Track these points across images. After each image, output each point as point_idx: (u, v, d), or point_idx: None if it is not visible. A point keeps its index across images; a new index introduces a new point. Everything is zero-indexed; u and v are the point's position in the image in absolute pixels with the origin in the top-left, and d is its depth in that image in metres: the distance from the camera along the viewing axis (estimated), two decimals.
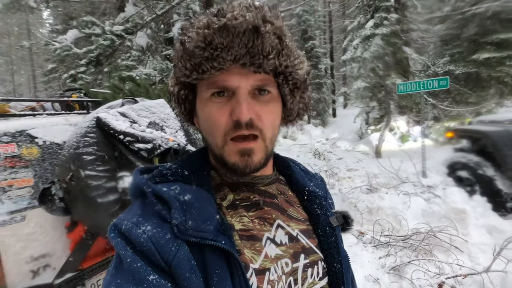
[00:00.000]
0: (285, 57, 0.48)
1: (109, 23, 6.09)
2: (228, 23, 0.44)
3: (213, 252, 0.44)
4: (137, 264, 0.41)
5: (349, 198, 4.36)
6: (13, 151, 1.68)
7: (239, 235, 0.49)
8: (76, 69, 4.94)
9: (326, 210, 0.60)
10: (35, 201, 1.70)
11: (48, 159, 1.82)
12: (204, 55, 0.45)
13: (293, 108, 0.56)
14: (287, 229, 0.54)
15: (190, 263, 0.42)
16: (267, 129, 0.49)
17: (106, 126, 1.57)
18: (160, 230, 0.44)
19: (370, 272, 2.91)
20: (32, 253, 1.68)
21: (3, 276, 1.57)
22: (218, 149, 0.50)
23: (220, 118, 0.47)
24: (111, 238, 0.45)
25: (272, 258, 0.50)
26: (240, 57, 0.45)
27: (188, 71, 0.48)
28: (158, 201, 0.47)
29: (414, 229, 3.39)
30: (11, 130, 1.71)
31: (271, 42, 0.45)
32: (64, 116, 2.13)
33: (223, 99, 0.48)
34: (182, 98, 0.54)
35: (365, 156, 6.29)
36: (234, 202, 0.52)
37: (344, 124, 13.27)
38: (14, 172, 1.67)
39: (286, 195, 0.60)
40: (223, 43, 0.44)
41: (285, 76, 0.50)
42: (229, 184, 0.55)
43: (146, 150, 1.56)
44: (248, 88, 0.47)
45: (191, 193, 0.48)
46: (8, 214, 1.60)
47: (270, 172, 0.60)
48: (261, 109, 0.48)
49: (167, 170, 0.52)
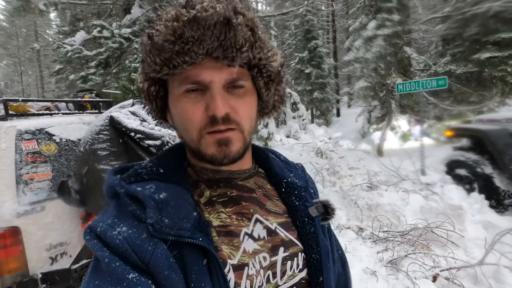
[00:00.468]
0: (259, 50, 0.47)
1: (116, 25, 6.27)
2: (198, 15, 0.42)
3: (190, 249, 0.44)
4: (115, 264, 0.40)
5: (349, 196, 4.46)
6: (34, 148, 1.83)
7: (216, 232, 0.48)
8: (86, 71, 5.12)
9: (305, 201, 0.59)
10: (54, 193, 1.85)
11: (65, 155, 1.97)
12: (175, 49, 0.43)
13: (268, 101, 0.55)
14: (265, 223, 0.53)
15: (169, 260, 0.42)
16: (244, 121, 0.49)
17: (119, 124, 1.71)
18: (136, 231, 0.43)
19: (368, 265, 3.02)
20: (51, 241, 1.83)
21: (25, 262, 1.72)
22: (194, 143, 0.49)
23: (194, 114, 0.46)
24: (87, 241, 0.45)
25: (250, 253, 0.49)
26: (213, 50, 0.43)
27: (158, 66, 0.45)
28: (132, 201, 0.46)
29: (412, 225, 3.48)
30: (31, 128, 1.86)
31: (243, 34, 0.44)
32: (78, 115, 2.29)
33: (196, 94, 0.47)
34: (153, 94, 0.52)
35: (367, 155, 6.37)
36: (211, 199, 0.52)
37: (348, 123, 13.32)
38: (35, 166, 1.82)
39: (265, 189, 0.59)
40: (194, 36, 0.42)
41: (259, 68, 0.49)
42: (205, 180, 0.54)
43: (155, 146, 1.69)
44: (222, 82, 0.46)
45: (167, 191, 0.47)
46: (30, 204, 1.75)
47: (249, 166, 0.59)
48: (236, 103, 0.47)
49: (142, 169, 0.51)
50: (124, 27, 5.99)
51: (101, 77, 5.08)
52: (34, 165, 1.81)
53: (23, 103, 2.17)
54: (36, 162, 1.83)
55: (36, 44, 8.99)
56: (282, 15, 7.52)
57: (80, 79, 5.03)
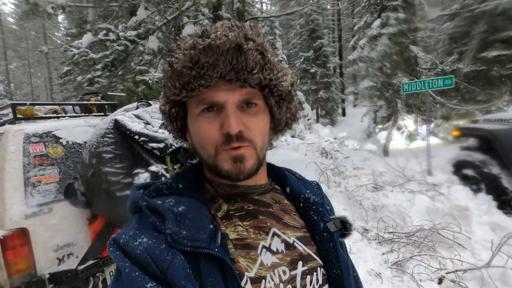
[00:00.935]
0: (269, 71, 0.51)
1: (122, 27, 6.34)
2: (212, 43, 0.46)
3: (207, 260, 0.45)
4: (134, 273, 0.42)
5: (354, 196, 4.44)
6: (41, 150, 1.87)
7: (233, 244, 0.49)
8: (93, 73, 5.20)
9: (323, 216, 0.60)
10: (61, 195, 1.88)
11: (71, 157, 2.01)
12: (192, 74, 0.47)
13: (281, 118, 0.58)
14: (283, 237, 0.54)
15: (186, 271, 0.43)
16: (257, 138, 0.51)
17: (123, 127, 1.73)
18: (155, 241, 0.45)
19: (373, 267, 3.00)
20: (58, 242, 1.87)
21: (33, 262, 1.76)
22: (211, 159, 0.51)
23: (211, 132, 0.50)
24: (110, 252, 0.47)
25: (269, 266, 0.50)
26: (226, 73, 0.47)
27: (178, 90, 0.50)
28: (153, 214, 0.49)
29: (418, 226, 3.45)
30: (39, 132, 1.90)
31: (254, 58, 0.48)
32: (84, 118, 2.33)
33: (212, 114, 0.50)
34: (173, 115, 0.56)
35: (372, 155, 6.32)
36: (228, 213, 0.53)
37: (353, 123, 13.23)
38: (42, 169, 1.86)
39: (282, 204, 0.60)
40: (209, 62, 0.47)
41: (270, 88, 0.53)
42: (223, 195, 0.56)
43: (159, 149, 1.71)
44: (236, 102, 0.50)
45: (185, 204, 0.50)
46: (38, 206, 1.79)
47: (264, 181, 0.61)
48: (249, 120, 0.51)
49: (162, 185, 0.54)
50: (129, 29, 6.06)
51: (107, 79, 5.16)
52: (42, 168, 1.85)
53: (31, 106, 2.22)
54: (44, 165, 1.86)
55: (45, 47, 9.17)
56: (287, 15, 7.50)
57: (87, 81, 5.12)
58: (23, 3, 6.33)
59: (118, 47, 4.85)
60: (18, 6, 6.75)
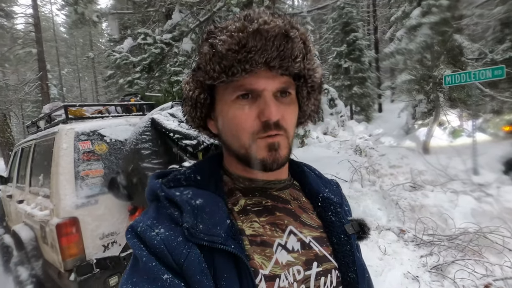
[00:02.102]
0: (309, 61, 0.51)
1: (158, 31, 6.69)
2: (262, 27, 0.45)
3: (222, 256, 0.45)
4: (151, 263, 0.43)
5: (390, 196, 4.25)
6: (89, 147, 2.06)
7: (249, 240, 0.49)
8: (133, 75, 5.56)
9: (341, 218, 0.58)
10: (105, 188, 2.06)
11: (114, 153, 2.18)
12: (237, 58, 0.46)
13: (306, 110, 0.58)
14: (299, 236, 0.53)
15: (201, 265, 0.43)
16: (290, 129, 0.51)
17: (159, 125, 1.84)
18: (172, 233, 0.45)
19: (410, 269, 2.86)
20: (104, 231, 2.05)
21: (83, 248, 1.95)
22: (244, 148, 0.50)
23: (247, 120, 0.48)
24: (128, 239, 0.48)
25: (283, 265, 0.49)
26: (271, 60, 0.46)
27: (217, 73, 0.48)
28: (171, 205, 0.49)
29: (462, 229, 3.22)
30: (87, 130, 2.10)
31: (298, 46, 0.48)
32: (125, 117, 2.51)
33: (247, 101, 0.49)
34: (201, 102, 0.55)
35: (411, 152, 5.97)
36: (245, 207, 0.52)
37: (390, 119, 12.58)
38: (89, 164, 2.04)
39: (300, 201, 0.59)
40: (257, 46, 0.45)
41: (305, 79, 0.53)
42: (241, 189, 0.55)
43: (192, 146, 1.80)
44: (273, 90, 0.49)
45: (203, 197, 0.49)
46: (86, 197, 1.98)
47: (285, 176, 0.60)
48: (285, 110, 0.50)
49: (181, 175, 0.54)
50: (165, 32, 6.37)
51: (145, 81, 5.49)
52: (89, 163, 2.04)
53: (80, 108, 2.45)
54: (91, 160, 2.05)
55: (91, 53, 10.01)
56: (318, 10, 7.34)
57: (127, 84, 5.50)
58: (72, 14, 6.94)
59: (155, 50, 5.13)
60: (68, 16, 7.47)
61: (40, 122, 2.92)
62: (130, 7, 8.90)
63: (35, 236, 2.28)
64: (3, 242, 3.36)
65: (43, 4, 25.29)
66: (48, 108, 3.04)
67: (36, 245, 2.25)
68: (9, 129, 11.15)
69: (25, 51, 11.82)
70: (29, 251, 2.23)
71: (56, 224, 1.84)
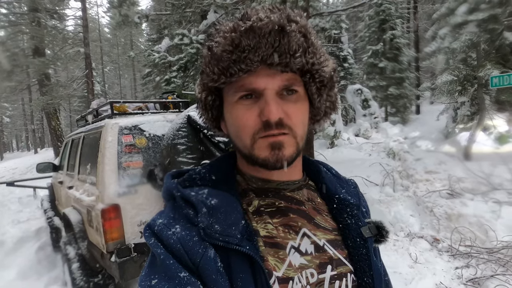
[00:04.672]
0: (312, 55, 0.48)
1: (194, 31, 6.94)
2: (254, 24, 0.44)
3: (238, 256, 0.45)
4: (169, 261, 0.43)
5: (424, 202, 4.05)
6: (130, 141, 2.23)
7: (263, 242, 0.48)
8: (169, 74, 5.85)
9: (358, 220, 0.56)
10: (144, 179, 2.22)
11: (152, 147, 2.34)
12: (232, 58, 0.45)
13: (320, 107, 0.55)
14: (313, 239, 0.52)
15: (217, 265, 0.44)
16: (297, 127, 0.49)
17: (194, 122, 1.96)
18: (188, 233, 0.46)
19: (443, 280, 2.73)
20: (141, 218, 2.21)
21: (123, 233, 2.12)
22: (247, 148, 0.49)
23: (248, 120, 0.48)
24: (145, 237, 0.48)
25: (296, 267, 0.49)
26: (267, 57, 0.45)
27: (216, 75, 0.48)
28: (187, 205, 0.49)
29: (505, 242, 2.99)
30: (129, 125, 2.27)
31: (297, 40, 0.46)
32: (163, 114, 2.67)
33: (250, 101, 0.48)
34: (209, 104, 0.55)
35: (450, 158, 5.60)
36: (259, 208, 0.52)
37: (428, 121, 11.86)
38: (131, 156, 2.21)
39: (314, 202, 0.57)
40: (250, 45, 0.44)
41: (311, 74, 0.50)
42: (254, 189, 0.54)
43: (224, 143, 1.89)
44: (276, 89, 0.47)
45: (218, 197, 0.49)
46: (127, 187, 2.15)
47: (299, 177, 0.58)
48: (289, 108, 0.48)
49: (196, 174, 0.54)
50: (200, 32, 6.59)
51: (181, 80, 5.74)
52: (130, 155, 2.21)
53: (123, 104, 2.65)
54: (132, 153, 2.22)
55: (132, 52, 10.67)
56: (354, 8, 7.14)
57: (164, 82, 5.79)
58: (116, 15, 7.43)
59: (191, 50, 5.35)
60: (112, 18, 8.10)
61: (88, 116, 3.20)
62: (169, 8, 9.31)
63: (82, 219, 2.52)
64: (53, 224, 3.74)
65: (90, 7, 27.27)
66: (95, 104, 3.32)
67: (83, 228, 2.48)
68: (59, 121, 12.24)
69: (74, 50, 12.85)
70: (77, 233, 2.47)
71: (101, 209, 2.02)
